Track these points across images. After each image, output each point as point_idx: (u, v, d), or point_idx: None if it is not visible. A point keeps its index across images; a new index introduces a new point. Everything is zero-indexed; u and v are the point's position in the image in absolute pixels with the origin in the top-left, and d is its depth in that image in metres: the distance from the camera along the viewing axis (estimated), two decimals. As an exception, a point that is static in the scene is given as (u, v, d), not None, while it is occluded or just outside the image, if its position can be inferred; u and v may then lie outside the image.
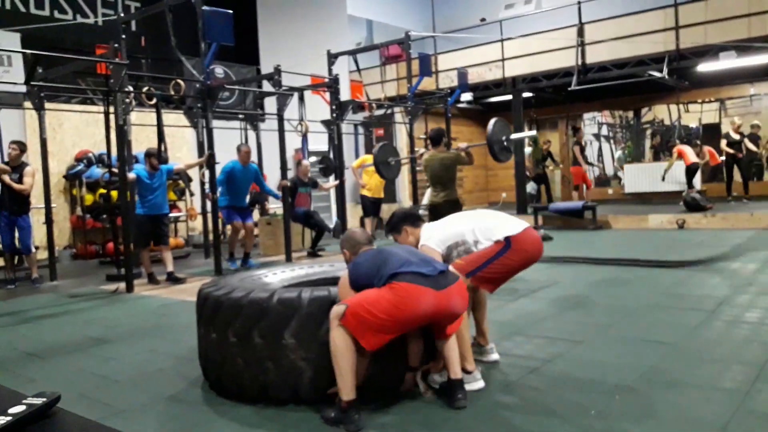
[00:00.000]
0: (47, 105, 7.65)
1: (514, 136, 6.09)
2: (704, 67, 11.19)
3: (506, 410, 2.85)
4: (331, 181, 10.10)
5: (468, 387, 3.03)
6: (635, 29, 11.04)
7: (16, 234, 7.34)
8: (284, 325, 2.96)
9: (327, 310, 2.84)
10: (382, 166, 7.70)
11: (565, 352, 3.70)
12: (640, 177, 14.59)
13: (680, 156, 12.85)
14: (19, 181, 7.17)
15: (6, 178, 7.06)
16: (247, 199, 8.49)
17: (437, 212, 6.37)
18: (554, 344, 3.87)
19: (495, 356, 3.61)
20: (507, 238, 3.34)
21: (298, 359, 2.96)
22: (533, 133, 6.30)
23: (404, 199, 14.34)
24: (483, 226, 3.42)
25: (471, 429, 2.67)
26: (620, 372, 3.27)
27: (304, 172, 9.04)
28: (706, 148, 12.86)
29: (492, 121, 6.10)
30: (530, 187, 13.60)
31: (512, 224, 3.45)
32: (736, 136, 12.10)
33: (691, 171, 12.27)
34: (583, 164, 12.26)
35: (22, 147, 7.33)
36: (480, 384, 3.15)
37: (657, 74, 11.29)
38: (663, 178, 13.21)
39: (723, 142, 11.95)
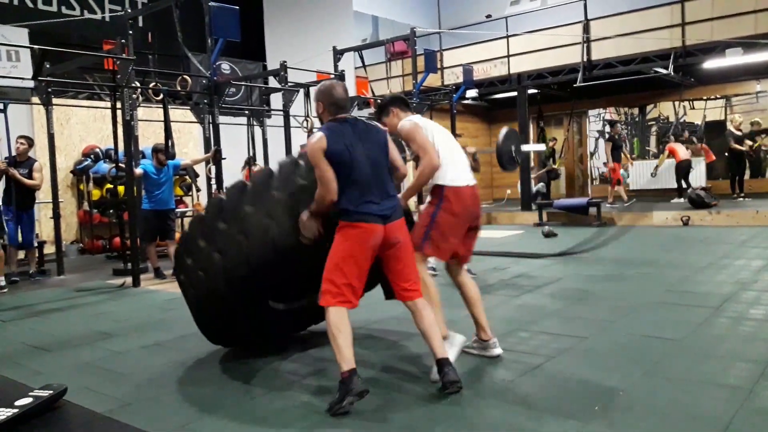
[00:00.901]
0: (55, 100, 7.68)
1: (524, 147, 6.08)
2: (710, 63, 11.16)
3: (510, 406, 2.88)
4: None
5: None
6: (641, 26, 11.02)
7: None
8: None
9: None
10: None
11: (569, 348, 3.72)
12: (645, 174, 14.58)
13: (671, 154, 12.88)
14: (28, 176, 7.22)
15: (16, 174, 7.10)
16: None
17: None
18: (558, 340, 3.89)
19: (498, 351, 3.64)
20: (442, 188, 3.50)
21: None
22: (542, 147, 6.25)
23: (409, 195, 14.33)
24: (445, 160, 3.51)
25: (475, 424, 2.70)
26: (624, 368, 3.30)
27: None
28: (701, 146, 12.87)
29: (503, 131, 6.10)
30: (540, 186, 13.56)
31: (458, 174, 3.56)
32: (738, 133, 12.08)
33: (681, 168, 12.30)
34: (610, 161, 12.05)
35: (30, 142, 7.38)
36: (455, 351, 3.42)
37: (662, 71, 11.28)
38: (653, 175, 13.25)
39: (730, 140, 11.91)
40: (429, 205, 3.56)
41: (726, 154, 12.34)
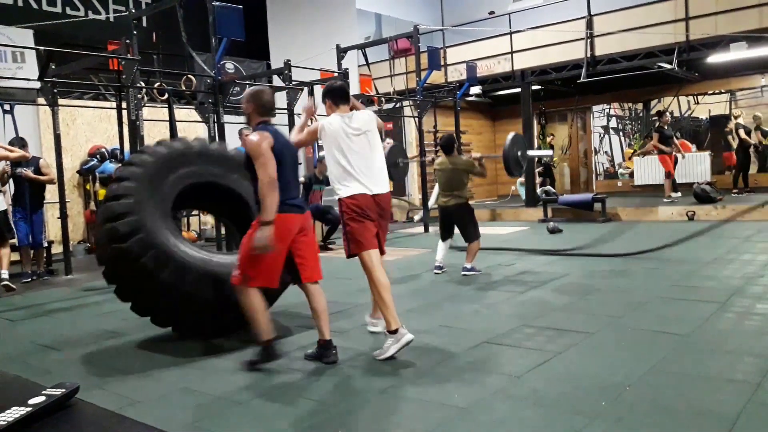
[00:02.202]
0: (60, 101, 7.71)
1: (530, 153, 6.11)
2: (714, 58, 11.12)
3: (517, 401, 2.89)
4: None
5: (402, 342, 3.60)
6: (645, 20, 10.99)
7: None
8: None
9: None
10: (392, 168, 7.73)
11: (576, 343, 3.73)
12: (650, 169, 14.56)
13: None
14: (37, 173, 7.27)
15: (30, 174, 7.15)
16: None
17: (448, 216, 6.42)
18: (564, 336, 3.90)
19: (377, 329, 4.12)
20: (341, 201, 3.92)
21: None
22: (550, 152, 6.28)
23: (414, 192, 14.36)
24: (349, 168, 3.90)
25: (482, 420, 2.72)
26: (631, 363, 3.31)
27: (321, 170, 9.10)
28: (680, 141, 12.83)
29: (510, 136, 6.11)
30: (540, 191, 13.52)
31: (359, 186, 3.90)
32: (748, 126, 12.06)
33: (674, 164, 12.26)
34: (665, 148, 11.73)
35: (23, 142, 7.43)
36: (409, 337, 3.63)
37: (667, 66, 11.24)
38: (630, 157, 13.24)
39: (741, 132, 11.86)
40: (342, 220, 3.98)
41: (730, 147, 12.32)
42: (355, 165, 3.89)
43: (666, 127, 11.55)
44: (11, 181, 7.29)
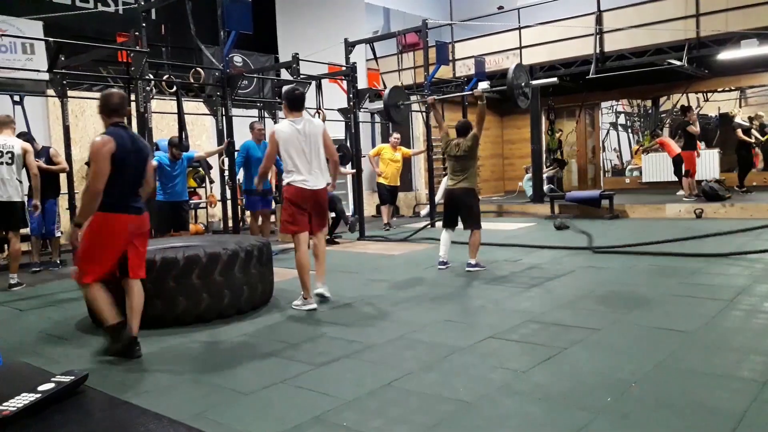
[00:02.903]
0: (69, 92, 7.76)
1: (534, 82, 6.17)
2: (725, 55, 11.05)
3: (523, 396, 2.90)
4: (348, 168, 10.16)
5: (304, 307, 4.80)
6: (655, 17, 10.93)
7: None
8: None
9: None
10: (392, 109, 7.59)
11: (582, 339, 3.73)
12: (658, 166, 14.51)
13: (663, 148, 12.78)
14: (48, 163, 7.32)
15: (42, 165, 7.19)
16: (272, 182, 8.52)
17: (454, 200, 6.40)
18: (570, 332, 3.91)
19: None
20: (288, 186, 4.97)
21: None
22: (554, 80, 6.35)
23: (421, 187, 14.35)
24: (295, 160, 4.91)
25: (488, 414, 2.73)
26: (637, 360, 3.31)
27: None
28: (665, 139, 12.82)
29: (512, 67, 6.16)
30: (547, 188, 13.52)
31: (302, 178, 4.92)
32: (745, 124, 12.02)
33: (676, 162, 12.23)
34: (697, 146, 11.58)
35: (28, 137, 7.47)
36: (312, 306, 4.81)
37: (676, 63, 11.18)
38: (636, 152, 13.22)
39: (739, 131, 11.82)
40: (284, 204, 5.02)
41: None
42: (299, 163, 4.87)
43: (693, 123, 11.33)
44: (24, 171, 7.33)
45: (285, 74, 9.73)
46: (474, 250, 6.28)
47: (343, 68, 9.92)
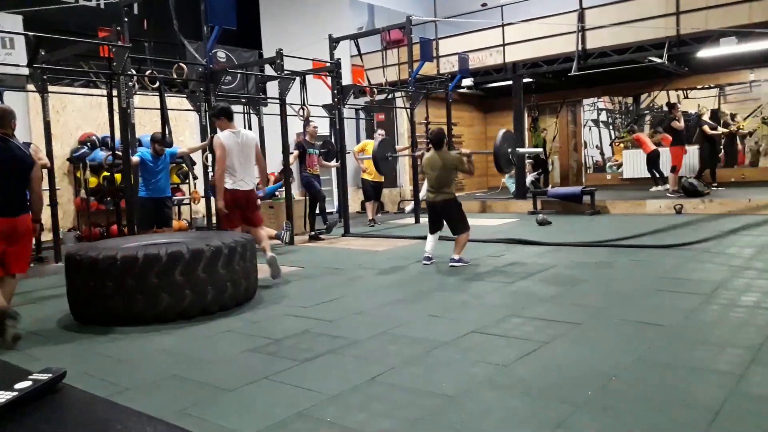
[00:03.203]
0: (50, 88, 7.68)
1: (520, 150, 6.21)
2: (704, 53, 11.19)
3: (505, 390, 2.93)
4: (334, 162, 10.16)
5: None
6: (636, 14, 11.02)
7: None
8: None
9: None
10: (381, 162, 7.76)
11: (563, 333, 3.78)
12: (639, 162, 14.64)
13: (639, 144, 12.94)
14: None
15: None
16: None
17: (436, 212, 6.45)
18: (552, 326, 3.95)
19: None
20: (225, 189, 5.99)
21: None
22: (539, 150, 6.40)
23: (405, 183, 14.38)
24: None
25: (470, 408, 2.75)
26: (617, 354, 3.36)
27: (312, 134, 9.18)
28: (661, 136, 12.96)
29: (500, 133, 6.17)
30: (531, 177, 13.63)
31: (235, 182, 6.04)
32: (711, 121, 12.24)
33: (650, 159, 12.39)
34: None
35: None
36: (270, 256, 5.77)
37: (657, 60, 11.29)
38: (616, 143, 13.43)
39: (706, 127, 12.03)
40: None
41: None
42: (237, 168, 5.97)
43: (678, 119, 11.42)
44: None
45: (269, 70, 9.69)
46: (459, 246, 6.32)
47: (328, 64, 9.91)
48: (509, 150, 6.27)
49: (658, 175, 12.59)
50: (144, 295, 4.37)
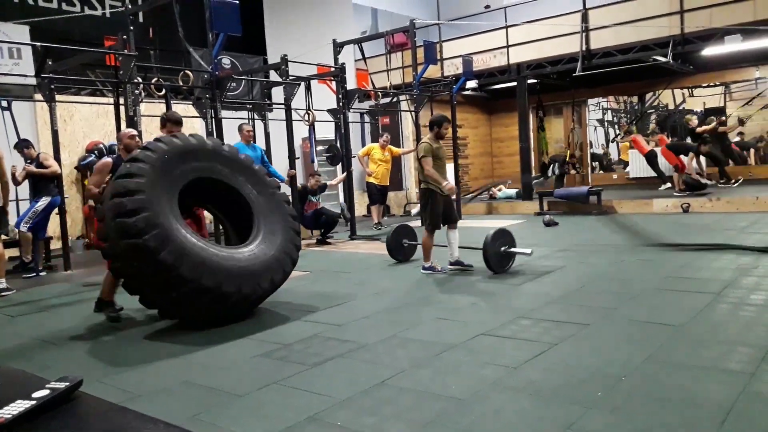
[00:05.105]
0: (57, 97, 7.73)
1: (513, 250, 6.05)
2: (709, 51, 11.16)
3: (514, 392, 2.93)
4: (339, 176, 10.21)
5: None
6: (640, 14, 11.02)
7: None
8: None
9: None
10: (394, 251, 7.24)
11: (572, 335, 3.77)
12: (645, 162, 14.61)
13: (635, 145, 12.94)
14: (39, 167, 7.32)
15: (31, 168, 7.24)
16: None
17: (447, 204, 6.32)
18: (561, 327, 3.95)
19: None
20: None
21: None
22: (529, 250, 5.93)
23: (411, 186, 14.39)
24: None
25: (480, 410, 2.76)
26: (626, 354, 3.35)
27: (313, 185, 9.27)
28: (659, 136, 12.97)
29: (491, 232, 5.91)
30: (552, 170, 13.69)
31: None
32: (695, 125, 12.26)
33: (649, 159, 12.39)
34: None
35: (26, 143, 7.57)
36: None
37: (661, 59, 11.28)
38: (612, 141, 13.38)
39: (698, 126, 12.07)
40: None
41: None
42: None
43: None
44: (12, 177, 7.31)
45: (274, 76, 9.73)
46: (424, 252, 6.23)
47: (332, 69, 9.94)
48: (502, 249, 5.95)
49: (658, 175, 12.59)
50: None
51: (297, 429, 2.66)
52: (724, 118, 13.93)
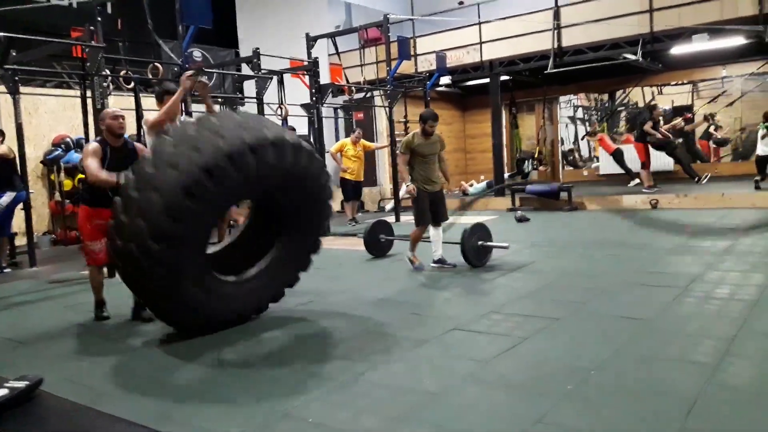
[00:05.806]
0: (22, 89, 7.54)
1: (489, 244, 6.08)
2: (677, 49, 11.35)
3: (486, 385, 2.96)
4: None
5: None
6: (611, 12, 11.15)
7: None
8: None
9: None
10: (371, 246, 7.25)
11: (542, 329, 3.81)
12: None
13: (602, 144, 13.17)
14: None
15: None
16: None
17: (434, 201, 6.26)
18: (531, 322, 3.98)
19: None
20: None
21: None
22: (506, 244, 5.94)
23: (385, 181, 14.39)
24: None
25: (453, 403, 2.77)
26: (595, 348, 3.40)
27: None
28: (626, 136, 13.23)
29: (470, 226, 5.97)
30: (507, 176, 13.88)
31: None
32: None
33: (615, 158, 12.60)
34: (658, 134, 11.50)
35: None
36: None
37: (631, 57, 11.43)
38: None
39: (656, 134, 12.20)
40: None
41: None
42: None
43: (659, 120, 11.65)
44: None
45: (246, 69, 9.64)
46: (411, 243, 6.21)
47: (305, 63, 9.88)
48: (479, 244, 6.00)
49: (626, 172, 12.78)
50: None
51: (270, 425, 2.64)
52: (690, 115, 14.19)
